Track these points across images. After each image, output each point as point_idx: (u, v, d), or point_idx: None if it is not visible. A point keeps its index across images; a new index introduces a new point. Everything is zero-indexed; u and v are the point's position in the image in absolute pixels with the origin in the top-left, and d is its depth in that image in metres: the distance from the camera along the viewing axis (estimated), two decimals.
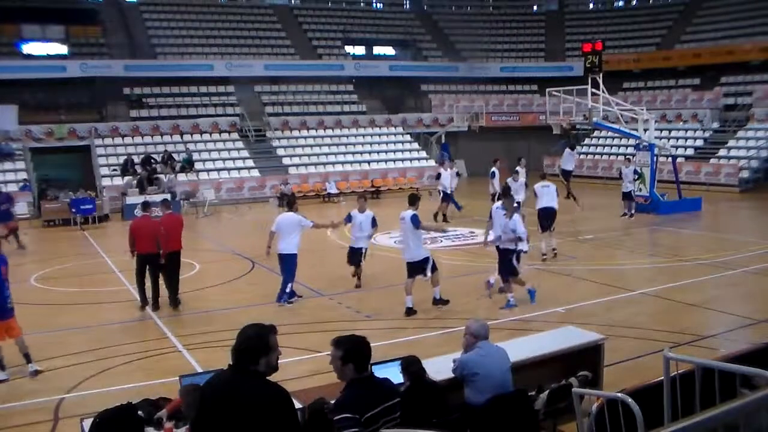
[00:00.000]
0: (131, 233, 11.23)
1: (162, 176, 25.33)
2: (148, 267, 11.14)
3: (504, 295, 10.90)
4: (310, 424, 4.31)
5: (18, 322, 8.33)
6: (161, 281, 11.37)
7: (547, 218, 14.13)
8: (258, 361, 3.54)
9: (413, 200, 10.81)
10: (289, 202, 12.08)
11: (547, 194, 14.20)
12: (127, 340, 9.53)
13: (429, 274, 10.51)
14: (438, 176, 20.73)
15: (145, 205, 12.35)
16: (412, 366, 5.11)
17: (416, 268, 10.52)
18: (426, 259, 10.53)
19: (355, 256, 12.23)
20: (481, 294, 11.37)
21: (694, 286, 12.03)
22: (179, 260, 11.44)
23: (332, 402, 4.20)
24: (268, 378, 3.61)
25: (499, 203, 11.29)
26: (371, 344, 4.22)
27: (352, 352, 4.09)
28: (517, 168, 19.52)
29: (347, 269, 12.47)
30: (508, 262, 10.69)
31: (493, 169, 19.87)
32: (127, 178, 25.16)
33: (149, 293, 11.30)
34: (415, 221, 10.44)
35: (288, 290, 11.25)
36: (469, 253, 15.23)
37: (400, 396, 4.31)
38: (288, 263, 11.19)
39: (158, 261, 11.07)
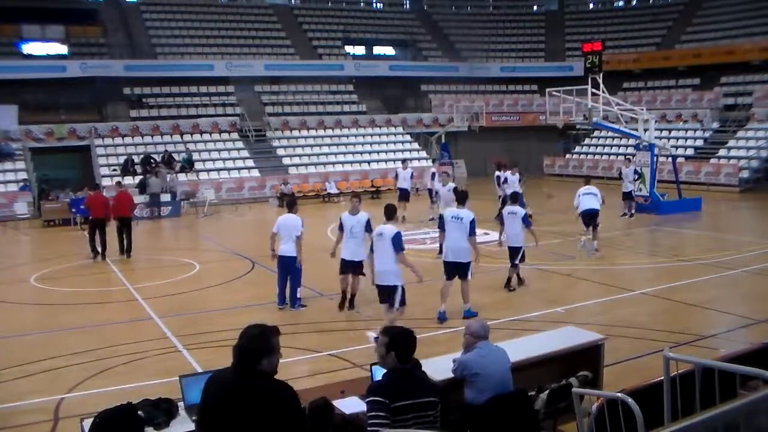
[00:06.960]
0: (87, 204, 16.15)
1: (162, 171, 25.28)
2: (97, 229, 15.45)
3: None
4: (312, 423, 4.31)
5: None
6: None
7: (589, 218, 14.84)
8: (260, 362, 3.55)
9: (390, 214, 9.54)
10: (289, 203, 11.55)
11: (590, 198, 14.96)
12: (127, 340, 9.50)
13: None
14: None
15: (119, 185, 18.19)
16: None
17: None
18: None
19: (348, 268, 10.61)
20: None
21: (694, 286, 12.02)
22: (129, 224, 15.97)
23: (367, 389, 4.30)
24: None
25: (511, 207, 12.10)
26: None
27: (397, 341, 4.27)
28: (497, 173, 19.35)
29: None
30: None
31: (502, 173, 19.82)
32: (127, 178, 25.14)
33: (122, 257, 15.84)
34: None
35: (298, 295, 10.92)
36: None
37: (439, 396, 4.38)
38: (292, 266, 10.83)
39: (105, 224, 15.54)
